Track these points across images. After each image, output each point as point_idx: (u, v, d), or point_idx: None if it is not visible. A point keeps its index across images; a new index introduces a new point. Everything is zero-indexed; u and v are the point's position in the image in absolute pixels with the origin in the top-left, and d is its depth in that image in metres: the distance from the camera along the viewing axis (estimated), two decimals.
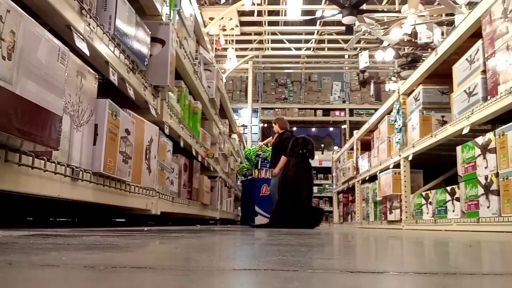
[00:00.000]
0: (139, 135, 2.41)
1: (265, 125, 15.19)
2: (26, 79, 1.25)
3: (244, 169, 8.32)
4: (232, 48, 10.91)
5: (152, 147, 2.66)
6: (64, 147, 1.62)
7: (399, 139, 4.79)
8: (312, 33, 12.22)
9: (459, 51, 3.52)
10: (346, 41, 10.55)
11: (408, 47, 10.96)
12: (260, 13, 10.65)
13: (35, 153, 1.44)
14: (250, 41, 12.49)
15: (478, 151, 3.06)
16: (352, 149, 8.01)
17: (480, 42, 3.08)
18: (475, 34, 3.25)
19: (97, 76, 1.89)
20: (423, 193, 4.30)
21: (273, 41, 12.66)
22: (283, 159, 5.85)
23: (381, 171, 5.59)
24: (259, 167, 7.93)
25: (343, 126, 14.93)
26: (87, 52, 1.77)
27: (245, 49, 12.72)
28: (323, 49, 13.05)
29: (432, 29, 7.42)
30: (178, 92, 3.49)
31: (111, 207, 2.28)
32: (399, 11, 8.30)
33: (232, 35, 10.68)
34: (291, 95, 15.12)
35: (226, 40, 10.53)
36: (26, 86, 1.25)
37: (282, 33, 12.31)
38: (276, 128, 6.78)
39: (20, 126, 1.23)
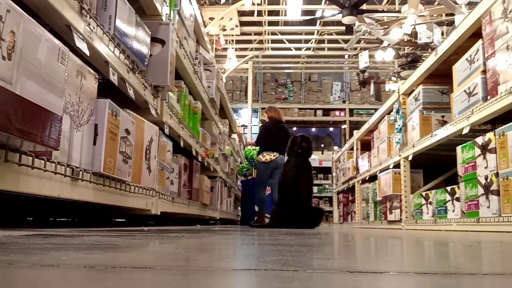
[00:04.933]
0: (139, 135, 2.41)
1: None
2: (26, 79, 1.25)
3: (244, 169, 8.32)
4: (232, 48, 10.91)
5: (152, 147, 2.66)
6: (64, 147, 1.62)
7: (399, 139, 4.79)
8: (312, 33, 12.23)
9: (459, 51, 3.52)
10: (346, 41, 10.54)
11: (408, 47, 10.97)
12: (260, 13, 10.65)
13: (35, 153, 1.44)
14: (250, 41, 12.49)
15: (478, 151, 3.06)
16: (352, 149, 8.01)
17: (480, 42, 3.08)
18: (475, 34, 3.25)
19: (97, 76, 1.89)
20: (423, 193, 4.30)
21: (273, 41, 12.66)
22: (253, 142, 6.90)
23: (381, 171, 5.59)
24: None
25: (343, 126, 14.93)
26: (87, 52, 1.77)
27: (245, 49, 12.72)
28: (323, 49, 13.05)
29: (432, 29, 7.41)
30: (178, 92, 3.49)
31: (111, 207, 2.28)
32: (399, 11, 8.31)
33: (232, 35, 10.68)
34: (291, 95, 15.13)
35: (226, 40, 10.53)
36: (26, 86, 1.25)
37: (282, 33, 12.31)
38: (266, 117, 6.89)
39: (20, 126, 1.23)
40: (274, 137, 6.41)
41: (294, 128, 15.05)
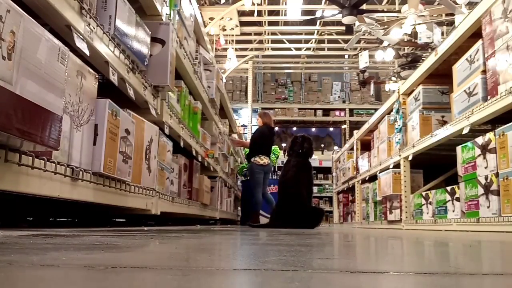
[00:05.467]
0: (139, 135, 2.41)
1: None
2: (26, 79, 1.25)
3: (244, 169, 8.32)
4: (232, 48, 10.91)
5: (152, 147, 2.66)
6: (64, 147, 1.62)
7: (399, 139, 4.79)
8: (312, 33, 12.23)
9: (459, 51, 3.52)
10: (346, 41, 10.54)
11: (408, 47, 10.97)
12: (260, 13, 10.65)
13: (35, 153, 1.44)
14: (250, 41, 12.49)
15: (478, 151, 3.06)
16: (352, 149, 8.01)
17: (480, 42, 3.08)
18: (475, 34, 3.25)
19: (97, 76, 1.89)
20: (423, 193, 4.31)
21: (273, 41, 12.66)
22: (246, 142, 6.88)
23: (381, 171, 5.59)
24: None
25: (343, 126, 14.94)
26: (87, 52, 1.77)
27: (245, 49, 12.72)
28: (323, 49, 13.05)
29: (432, 29, 7.41)
30: (178, 92, 3.49)
31: (111, 207, 2.28)
32: (399, 11, 8.31)
33: (232, 35, 10.68)
34: (291, 95, 15.13)
35: (226, 40, 10.52)
36: (26, 86, 1.25)
37: (282, 33, 12.31)
38: (259, 122, 6.90)
39: (20, 126, 1.23)
40: (267, 142, 6.54)
41: (294, 128, 15.07)
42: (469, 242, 1.86)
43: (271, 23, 11.71)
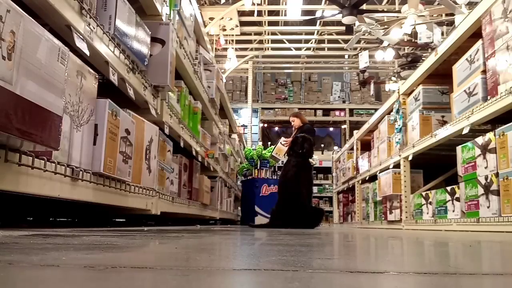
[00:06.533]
0: (139, 135, 2.41)
1: (265, 125, 15.20)
2: (26, 79, 1.25)
3: (244, 169, 8.33)
4: (232, 48, 10.91)
5: (152, 147, 2.66)
6: (64, 147, 1.62)
7: (399, 139, 4.79)
8: (312, 33, 12.22)
9: (459, 51, 3.52)
10: (346, 41, 10.54)
11: (408, 47, 10.96)
12: (260, 13, 10.65)
13: (35, 153, 1.44)
14: (250, 41, 12.49)
15: (478, 151, 3.06)
16: (352, 149, 8.01)
17: (480, 42, 3.08)
18: (475, 34, 3.25)
19: (97, 76, 1.89)
20: (423, 193, 4.31)
21: (273, 41, 12.66)
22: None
23: (381, 171, 5.59)
24: (259, 167, 7.94)
25: (343, 126, 14.94)
26: (87, 52, 1.77)
27: (245, 49, 12.72)
28: (323, 49, 13.05)
29: (432, 29, 7.41)
30: (178, 92, 3.49)
31: (111, 207, 2.28)
32: (399, 11, 8.31)
33: (232, 35, 10.68)
34: (291, 95, 15.13)
35: (226, 40, 10.52)
36: (26, 86, 1.25)
37: (282, 33, 12.31)
38: (297, 122, 6.56)
39: (20, 126, 1.22)
40: None
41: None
42: (469, 242, 1.87)
43: (271, 23, 11.71)
